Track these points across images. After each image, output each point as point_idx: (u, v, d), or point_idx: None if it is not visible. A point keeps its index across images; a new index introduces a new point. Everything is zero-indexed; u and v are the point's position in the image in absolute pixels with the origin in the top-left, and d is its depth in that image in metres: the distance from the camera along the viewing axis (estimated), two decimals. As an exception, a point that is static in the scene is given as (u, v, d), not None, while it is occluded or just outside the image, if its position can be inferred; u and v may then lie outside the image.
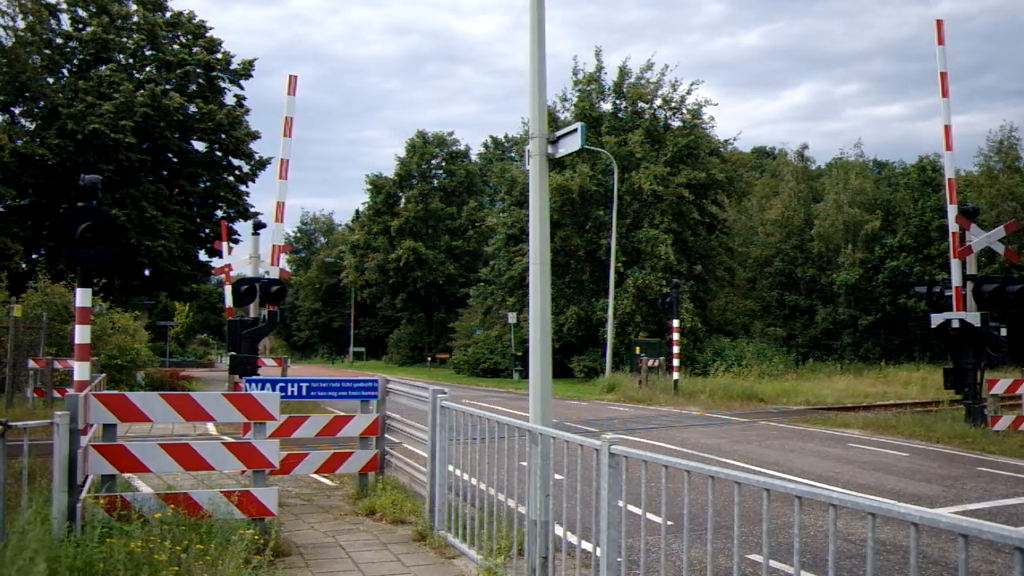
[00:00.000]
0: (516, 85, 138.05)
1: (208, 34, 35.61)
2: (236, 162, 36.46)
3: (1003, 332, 15.44)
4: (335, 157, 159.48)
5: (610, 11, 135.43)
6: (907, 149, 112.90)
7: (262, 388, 8.06)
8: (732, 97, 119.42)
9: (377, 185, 64.80)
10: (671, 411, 20.29)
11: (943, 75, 15.88)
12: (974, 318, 15.21)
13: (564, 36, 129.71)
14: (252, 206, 36.76)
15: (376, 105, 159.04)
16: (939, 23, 16.05)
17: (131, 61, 34.73)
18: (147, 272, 34.18)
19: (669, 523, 4.33)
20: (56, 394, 16.61)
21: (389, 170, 65.76)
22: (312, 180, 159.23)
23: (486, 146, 69.90)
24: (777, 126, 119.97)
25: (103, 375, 14.36)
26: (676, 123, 38.05)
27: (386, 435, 8.79)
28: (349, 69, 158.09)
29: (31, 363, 17.38)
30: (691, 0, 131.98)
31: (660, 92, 37.49)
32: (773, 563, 4.91)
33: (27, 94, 30.83)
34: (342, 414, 8.94)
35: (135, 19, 34.50)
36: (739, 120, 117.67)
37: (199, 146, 35.68)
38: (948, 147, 15.98)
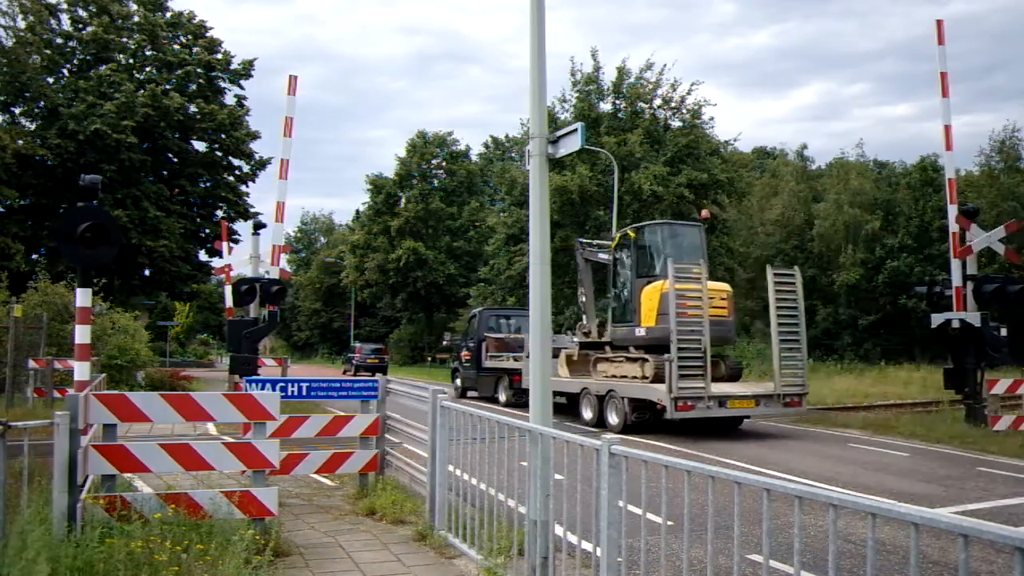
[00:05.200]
0: (524, 85, 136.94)
1: (209, 34, 35.65)
2: (236, 162, 36.49)
3: (1003, 332, 15.42)
4: (341, 157, 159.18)
5: (621, 11, 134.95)
6: (914, 149, 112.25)
7: (262, 388, 8.06)
8: (741, 97, 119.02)
9: (377, 185, 64.72)
10: (671, 411, 20.24)
11: (943, 75, 15.91)
12: (974, 318, 15.21)
13: (575, 37, 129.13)
14: (252, 206, 36.80)
15: (383, 105, 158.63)
16: (939, 23, 16.09)
17: (131, 61, 34.73)
18: (147, 272, 34.19)
19: (669, 523, 4.32)
20: (56, 394, 16.60)
21: (392, 170, 65.70)
22: (314, 180, 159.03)
23: (486, 146, 69.76)
24: (785, 126, 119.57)
25: (103, 375, 14.36)
26: (676, 123, 38.00)
27: (386, 435, 8.80)
28: (357, 69, 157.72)
29: (31, 363, 17.38)
30: (702, 0, 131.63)
31: (659, 92, 37.45)
32: (773, 563, 4.90)
33: (27, 94, 30.82)
34: (342, 414, 8.93)
35: (135, 19, 34.53)
36: (747, 120, 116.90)
37: (199, 146, 35.73)
38: (948, 147, 16.01)
